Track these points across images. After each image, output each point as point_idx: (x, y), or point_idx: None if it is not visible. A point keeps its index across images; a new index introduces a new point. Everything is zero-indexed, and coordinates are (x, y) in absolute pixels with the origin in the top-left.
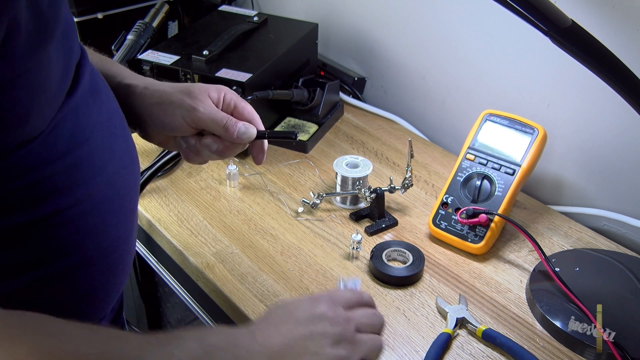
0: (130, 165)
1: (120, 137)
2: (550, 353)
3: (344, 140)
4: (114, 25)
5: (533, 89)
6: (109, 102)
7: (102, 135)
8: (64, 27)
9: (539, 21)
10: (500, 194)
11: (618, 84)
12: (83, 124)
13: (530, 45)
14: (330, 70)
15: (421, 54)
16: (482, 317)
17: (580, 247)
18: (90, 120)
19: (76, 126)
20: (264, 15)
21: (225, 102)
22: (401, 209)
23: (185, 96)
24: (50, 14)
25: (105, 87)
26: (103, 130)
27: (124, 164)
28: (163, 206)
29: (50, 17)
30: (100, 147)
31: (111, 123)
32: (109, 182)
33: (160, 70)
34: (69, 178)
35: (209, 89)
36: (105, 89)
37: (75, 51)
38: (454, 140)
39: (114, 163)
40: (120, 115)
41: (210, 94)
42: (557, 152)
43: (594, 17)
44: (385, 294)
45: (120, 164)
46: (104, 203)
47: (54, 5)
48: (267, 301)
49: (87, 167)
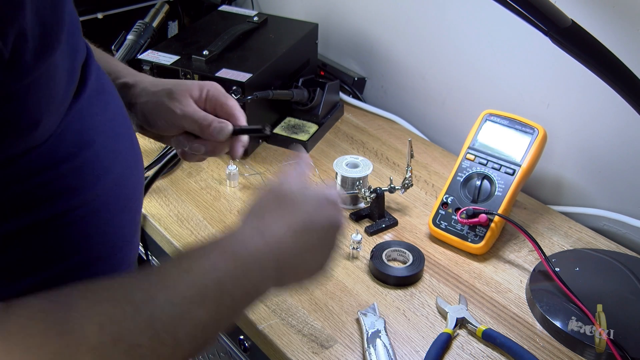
0: (135, 165)
1: (124, 137)
2: (550, 353)
3: (344, 140)
4: (114, 25)
5: (533, 89)
6: (114, 101)
7: (107, 136)
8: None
9: (539, 21)
10: (500, 194)
11: (618, 84)
12: (89, 125)
13: (530, 45)
14: (330, 70)
15: (421, 53)
16: (482, 317)
17: (580, 247)
18: (96, 121)
19: (82, 128)
20: (264, 15)
21: (208, 99)
22: (401, 209)
23: (165, 97)
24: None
25: (110, 85)
26: (108, 131)
27: (128, 164)
28: (163, 206)
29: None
30: (106, 148)
31: (116, 122)
32: (114, 183)
33: (160, 70)
34: (75, 180)
35: (191, 87)
36: (110, 88)
37: (80, 51)
38: (454, 140)
39: (119, 164)
40: (124, 114)
41: (192, 92)
42: (557, 152)
43: (594, 17)
44: (385, 294)
45: (125, 165)
46: (110, 203)
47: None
48: (266, 301)
49: (93, 168)
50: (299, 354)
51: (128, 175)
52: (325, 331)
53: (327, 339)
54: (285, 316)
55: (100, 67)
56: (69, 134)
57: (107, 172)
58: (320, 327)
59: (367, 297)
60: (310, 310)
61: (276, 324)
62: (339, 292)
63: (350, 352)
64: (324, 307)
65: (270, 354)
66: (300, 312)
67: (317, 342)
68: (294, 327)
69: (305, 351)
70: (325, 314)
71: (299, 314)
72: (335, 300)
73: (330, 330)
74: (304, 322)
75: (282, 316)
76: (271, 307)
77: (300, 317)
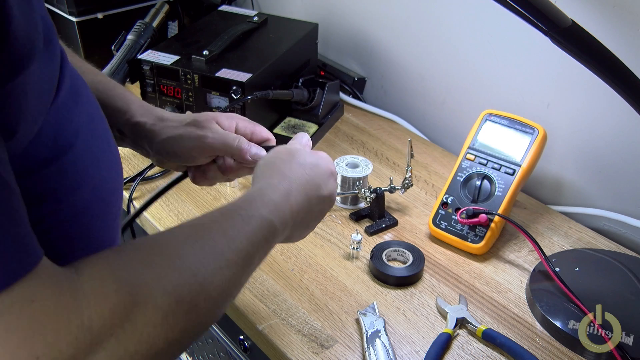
0: (114, 167)
1: (102, 139)
2: (550, 353)
3: (344, 140)
4: (114, 25)
5: (533, 89)
6: (90, 103)
7: (85, 140)
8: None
9: (539, 21)
10: (500, 194)
11: (618, 84)
12: (66, 129)
13: (530, 45)
14: (330, 70)
15: (421, 54)
16: (482, 317)
17: (580, 247)
18: (73, 125)
19: (59, 133)
20: (264, 15)
21: (239, 129)
22: (401, 209)
23: (193, 127)
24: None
25: (85, 87)
26: (85, 134)
27: (106, 167)
28: (163, 206)
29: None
30: (84, 152)
31: (93, 125)
32: (93, 188)
33: (160, 70)
34: (53, 186)
35: (217, 116)
36: (85, 90)
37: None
38: (454, 140)
39: (98, 167)
40: (100, 116)
41: (219, 120)
42: (557, 152)
43: (594, 17)
44: (385, 294)
45: (103, 167)
46: (88, 209)
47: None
48: (267, 301)
49: (72, 173)
50: (299, 354)
51: (106, 178)
52: (325, 331)
53: (327, 339)
54: (285, 316)
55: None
56: (45, 140)
57: (85, 177)
58: (320, 327)
59: (367, 297)
60: (310, 310)
61: (276, 324)
62: (339, 292)
63: (350, 352)
64: (324, 307)
65: (270, 354)
66: (300, 312)
67: (317, 342)
68: (294, 327)
69: (305, 351)
70: (325, 314)
71: (299, 314)
72: (335, 300)
73: (330, 330)
74: (304, 322)
75: (282, 316)
76: (271, 307)
77: (300, 317)
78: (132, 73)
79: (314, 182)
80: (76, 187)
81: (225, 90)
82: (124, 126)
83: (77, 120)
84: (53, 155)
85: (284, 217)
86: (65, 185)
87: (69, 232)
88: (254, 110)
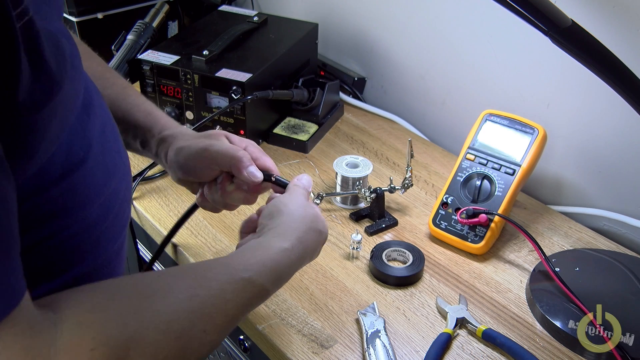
0: (124, 178)
1: (113, 151)
2: (550, 353)
3: (344, 140)
4: (114, 25)
5: (533, 89)
6: (102, 113)
7: (96, 153)
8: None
9: (539, 21)
10: (500, 194)
11: (618, 84)
12: (78, 144)
13: (530, 45)
14: (330, 70)
15: (421, 54)
16: (482, 317)
17: (580, 247)
18: (85, 139)
19: (71, 148)
20: (264, 15)
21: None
22: (401, 209)
23: (202, 138)
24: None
25: (98, 96)
26: (97, 147)
27: (117, 178)
28: (163, 206)
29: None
30: (94, 166)
31: (104, 136)
32: (103, 201)
33: (160, 70)
34: (64, 202)
35: (230, 134)
36: (98, 99)
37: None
38: (454, 140)
39: (109, 180)
40: (112, 125)
41: (230, 137)
42: (557, 152)
43: (594, 17)
44: (385, 294)
45: (114, 179)
46: (99, 221)
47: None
48: (266, 301)
49: (82, 189)
50: (299, 354)
51: (117, 190)
52: (325, 331)
53: (327, 339)
54: (285, 316)
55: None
56: (57, 157)
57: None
58: (320, 327)
59: (367, 297)
60: (310, 310)
61: (276, 324)
62: (339, 292)
63: (350, 352)
64: (324, 307)
65: (270, 354)
66: (300, 312)
67: (317, 342)
68: (294, 327)
69: (305, 351)
70: (325, 314)
71: (299, 314)
72: (335, 300)
73: (330, 330)
74: (304, 322)
75: (282, 316)
76: (271, 307)
77: (300, 317)
78: (132, 73)
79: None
80: (87, 202)
81: (225, 90)
82: (150, 140)
83: (89, 135)
84: (65, 170)
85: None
86: (76, 201)
87: (79, 244)
88: (254, 110)
